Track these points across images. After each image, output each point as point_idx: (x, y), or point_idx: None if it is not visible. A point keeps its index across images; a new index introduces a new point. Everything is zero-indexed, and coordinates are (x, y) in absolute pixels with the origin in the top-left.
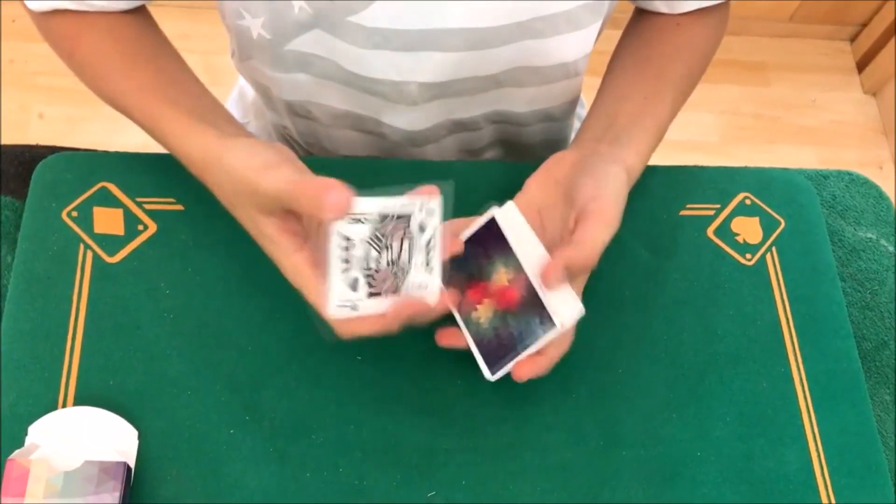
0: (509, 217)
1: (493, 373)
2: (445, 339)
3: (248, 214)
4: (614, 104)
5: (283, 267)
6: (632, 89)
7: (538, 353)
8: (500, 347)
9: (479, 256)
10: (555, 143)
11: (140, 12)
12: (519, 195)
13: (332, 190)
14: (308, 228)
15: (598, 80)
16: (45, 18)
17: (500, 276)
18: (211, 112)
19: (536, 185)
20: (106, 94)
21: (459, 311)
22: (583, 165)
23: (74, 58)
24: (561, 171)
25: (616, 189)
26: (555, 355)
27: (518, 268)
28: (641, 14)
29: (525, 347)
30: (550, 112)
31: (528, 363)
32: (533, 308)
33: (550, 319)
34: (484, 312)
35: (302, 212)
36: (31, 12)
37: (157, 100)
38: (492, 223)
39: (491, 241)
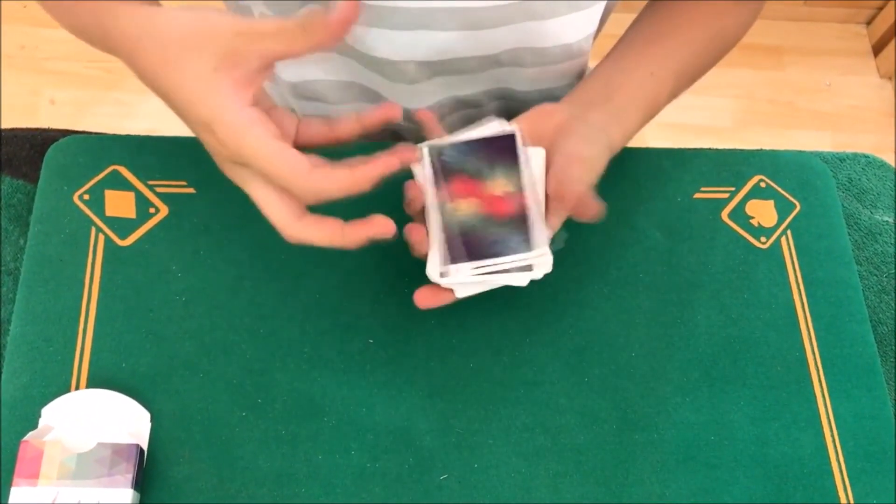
0: (534, 154)
1: (441, 271)
2: (415, 234)
3: (198, 82)
4: (616, 75)
5: (263, 158)
6: (637, 63)
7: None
8: (465, 246)
9: (481, 159)
10: None
11: None
12: None
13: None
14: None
15: None
16: None
17: (498, 185)
18: None
19: (546, 143)
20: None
21: (437, 196)
22: (568, 128)
23: None
24: (546, 128)
25: (597, 153)
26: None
27: (518, 186)
28: None
29: (495, 255)
30: (554, 92)
31: (433, 291)
32: (517, 227)
33: (528, 242)
34: (466, 208)
35: (293, 48)
36: None
37: None
38: (510, 138)
39: (501, 151)
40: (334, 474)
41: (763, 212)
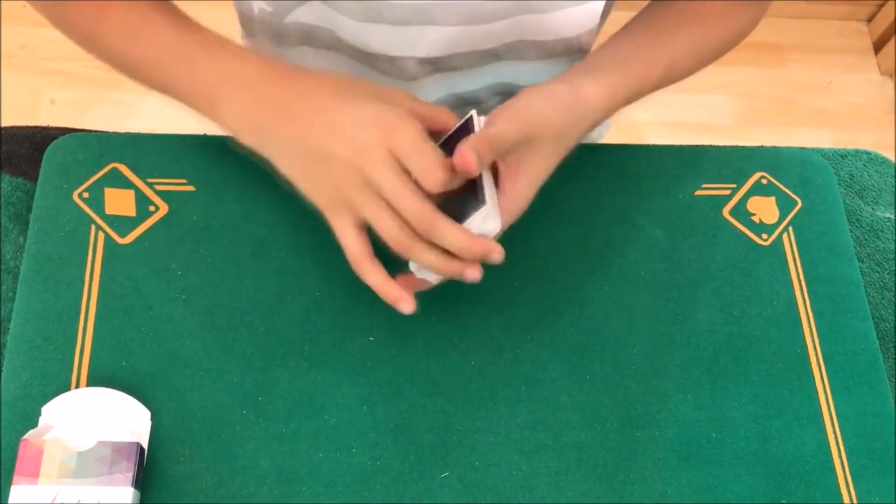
0: (478, 122)
1: (411, 266)
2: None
3: (370, 101)
4: (603, 49)
5: (422, 139)
6: (627, 40)
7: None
8: None
9: (451, 143)
10: None
11: None
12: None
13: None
14: None
15: None
16: None
17: None
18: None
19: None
20: (133, 52)
21: None
22: (531, 88)
23: (100, 20)
24: (516, 96)
25: (537, 98)
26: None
27: None
28: None
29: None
30: None
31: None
32: (473, 195)
33: (483, 201)
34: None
35: (436, 118)
36: None
37: (206, 32)
38: (469, 120)
39: (460, 131)
40: (335, 472)
41: (764, 209)
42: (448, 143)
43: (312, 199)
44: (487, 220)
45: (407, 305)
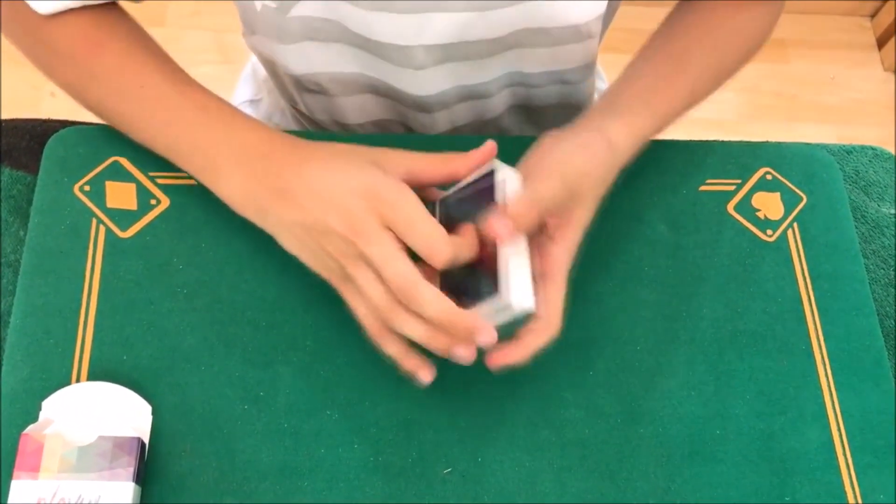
0: (508, 179)
1: None
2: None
3: (363, 169)
4: (624, 82)
5: (416, 218)
6: (648, 72)
7: (515, 341)
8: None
9: (472, 203)
10: (570, 106)
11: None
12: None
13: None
14: None
15: (619, 57)
16: (52, 26)
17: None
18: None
19: (524, 168)
20: (126, 107)
21: None
22: (560, 137)
23: (92, 67)
24: (543, 147)
25: (571, 150)
26: (532, 344)
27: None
28: (679, 4)
29: (463, 304)
30: (564, 76)
31: (503, 351)
32: (491, 274)
33: (497, 289)
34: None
35: (438, 171)
36: (28, 23)
37: (203, 94)
38: (490, 175)
39: (485, 192)
40: (337, 468)
41: (769, 204)
42: (465, 195)
43: (320, 274)
44: (502, 313)
45: (427, 375)
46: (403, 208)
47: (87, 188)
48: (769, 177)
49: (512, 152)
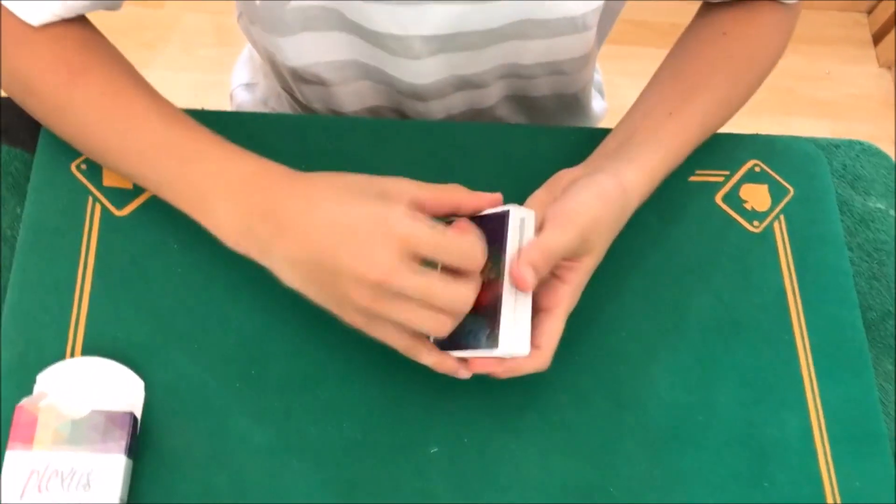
0: (522, 222)
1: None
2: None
3: (371, 203)
4: (636, 121)
5: (439, 235)
6: (658, 104)
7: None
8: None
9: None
10: (565, 98)
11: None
12: None
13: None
14: None
15: (618, 48)
16: (38, 42)
17: (485, 269)
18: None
19: (537, 204)
20: (109, 140)
21: None
22: (577, 182)
23: (73, 91)
24: (559, 189)
25: (590, 201)
26: (516, 368)
27: (499, 273)
28: (690, 25)
29: (459, 348)
30: (560, 67)
31: (484, 361)
32: (491, 318)
33: (496, 338)
34: None
35: (443, 203)
36: (15, 38)
37: (193, 131)
38: (504, 217)
39: (493, 233)
40: (326, 447)
41: (757, 196)
42: (484, 223)
43: (329, 309)
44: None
45: (466, 373)
46: (423, 236)
47: (83, 167)
48: (757, 169)
49: (505, 141)
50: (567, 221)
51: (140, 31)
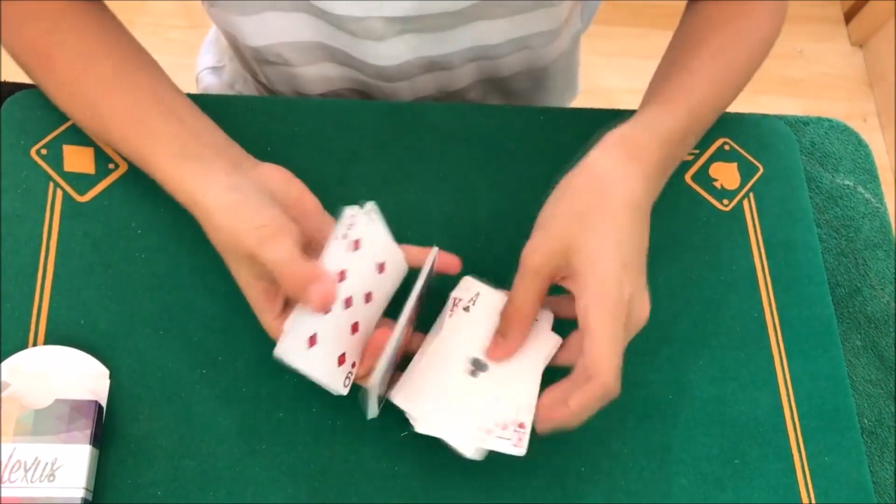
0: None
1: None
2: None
3: (236, 269)
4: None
5: (262, 322)
6: (653, 88)
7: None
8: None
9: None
10: (536, 72)
11: None
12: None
13: (317, 282)
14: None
15: (595, 28)
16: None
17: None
18: (195, 131)
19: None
20: (83, 112)
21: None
22: (584, 215)
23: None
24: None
25: (618, 238)
26: (581, 401)
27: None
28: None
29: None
30: (528, 41)
31: (552, 411)
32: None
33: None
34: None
35: (288, 294)
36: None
37: (141, 127)
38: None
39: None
40: (295, 431)
41: (726, 174)
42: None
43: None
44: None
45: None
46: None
47: (43, 151)
48: (727, 147)
49: (475, 121)
50: (537, 245)
51: None
